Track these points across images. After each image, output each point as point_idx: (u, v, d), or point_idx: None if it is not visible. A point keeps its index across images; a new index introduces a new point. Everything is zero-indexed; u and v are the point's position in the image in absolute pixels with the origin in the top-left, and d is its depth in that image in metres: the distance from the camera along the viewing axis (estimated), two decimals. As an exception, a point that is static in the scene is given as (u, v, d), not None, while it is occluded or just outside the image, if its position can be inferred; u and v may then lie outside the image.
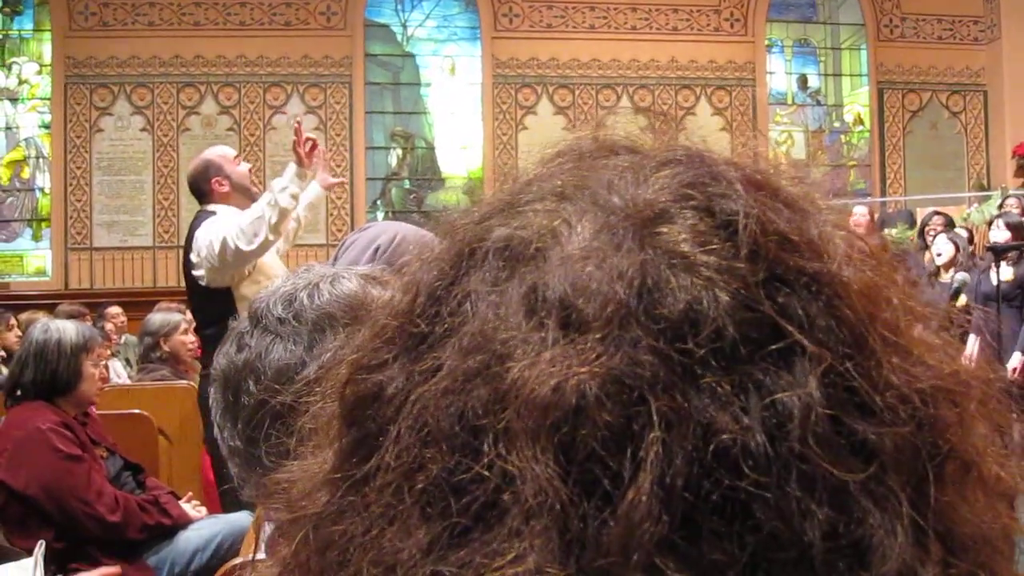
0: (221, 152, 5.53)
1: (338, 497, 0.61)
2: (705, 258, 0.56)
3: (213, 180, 5.27)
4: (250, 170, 5.50)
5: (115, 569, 4.37)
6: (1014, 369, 8.48)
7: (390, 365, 0.61)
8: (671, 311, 0.54)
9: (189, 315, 8.38)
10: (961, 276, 8.36)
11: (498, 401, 0.55)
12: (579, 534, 0.52)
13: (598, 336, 0.54)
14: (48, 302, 11.82)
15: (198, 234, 5.08)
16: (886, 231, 12.04)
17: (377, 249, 2.01)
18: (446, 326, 0.60)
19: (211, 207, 5.26)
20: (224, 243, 4.89)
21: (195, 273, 5.09)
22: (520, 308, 0.57)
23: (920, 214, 11.77)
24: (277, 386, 1.49)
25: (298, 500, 0.65)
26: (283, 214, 4.93)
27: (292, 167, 5.05)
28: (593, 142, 0.71)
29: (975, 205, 12.69)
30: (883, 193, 16.60)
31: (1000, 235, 8.83)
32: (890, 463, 0.54)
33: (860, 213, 10.50)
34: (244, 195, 5.29)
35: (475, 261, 0.61)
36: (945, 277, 9.09)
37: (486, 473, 0.54)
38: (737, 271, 0.55)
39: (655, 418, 0.52)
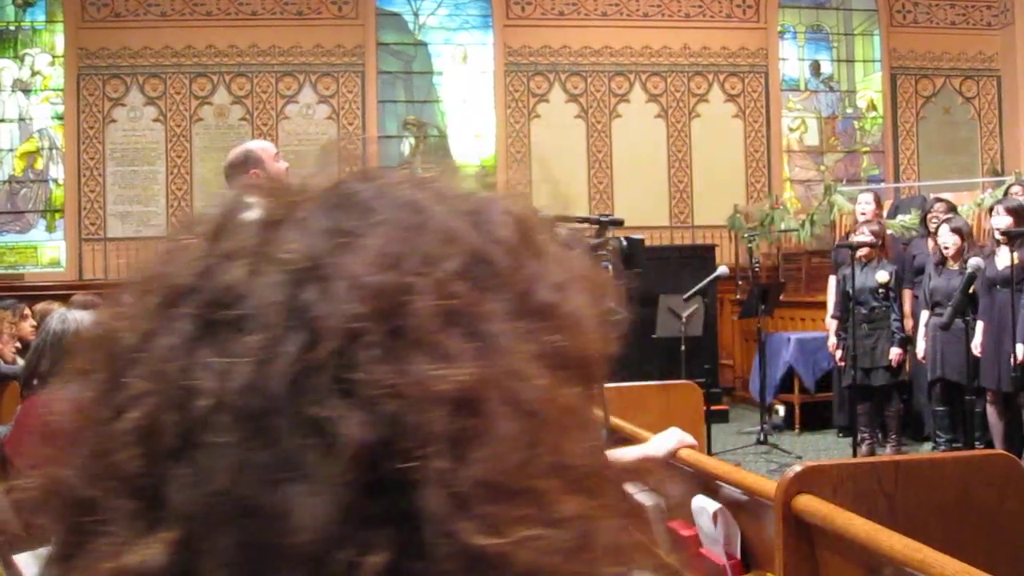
0: (264, 146, 5.49)
1: None
2: (263, 249, 0.64)
3: (251, 172, 5.23)
4: (287, 169, 5.47)
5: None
6: (1019, 358, 8.46)
7: None
8: (212, 288, 0.63)
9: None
10: (974, 262, 8.34)
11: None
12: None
13: (154, 304, 0.64)
14: (62, 292, 11.82)
15: None
16: (899, 217, 12.01)
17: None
18: None
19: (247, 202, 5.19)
20: None
21: None
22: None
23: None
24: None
25: None
26: None
27: None
28: None
29: (989, 191, 12.63)
30: (896, 179, 16.57)
31: (1001, 221, 8.79)
32: (343, 448, 0.57)
33: (865, 201, 10.44)
34: None
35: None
36: (953, 266, 9.06)
37: None
38: (275, 259, 0.63)
39: (143, 367, 0.62)
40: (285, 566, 0.56)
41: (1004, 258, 8.67)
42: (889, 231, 10.25)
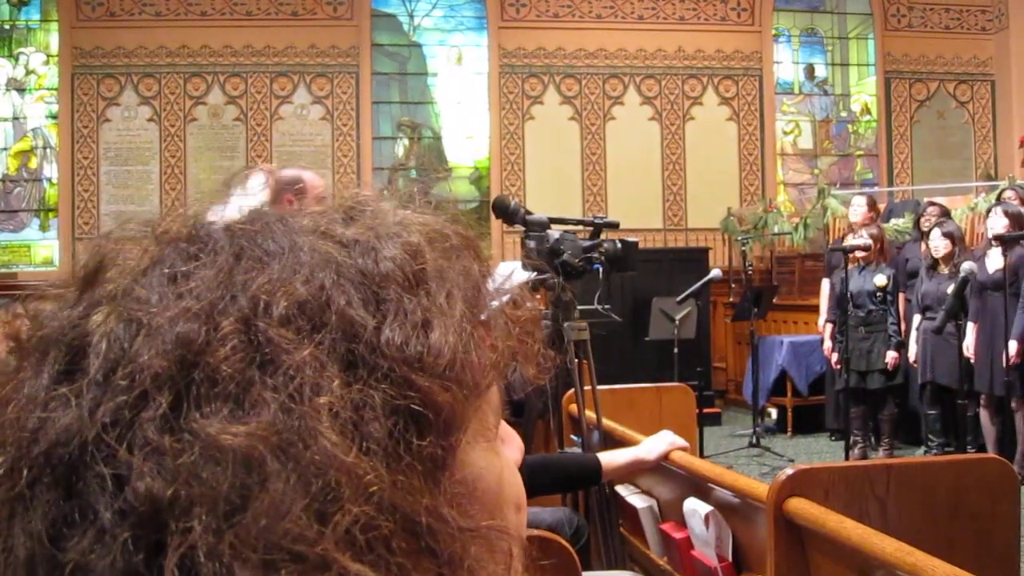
0: (316, 183, 5.40)
1: None
2: (119, 298, 0.65)
3: (286, 198, 5.17)
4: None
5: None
6: (1012, 357, 8.48)
7: None
8: (71, 339, 0.64)
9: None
10: (967, 266, 8.34)
11: None
12: None
13: (32, 353, 0.65)
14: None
15: None
16: (892, 221, 12.03)
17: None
18: None
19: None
20: None
21: None
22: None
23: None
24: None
25: None
26: None
27: None
28: None
29: (982, 195, 12.66)
30: (890, 183, 16.59)
31: (998, 222, 8.80)
32: (130, 503, 0.57)
33: (858, 204, 10.46)
34: None
35: None
36: (944, 270, 9.07)
37: None
38: (122, 307, 0.64)
39: (10, 417, 0.62)
40: None
41: (995, 261, 8.67)
42: (883, 235, 10.26)
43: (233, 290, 0.63)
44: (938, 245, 9.15)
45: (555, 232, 4.04)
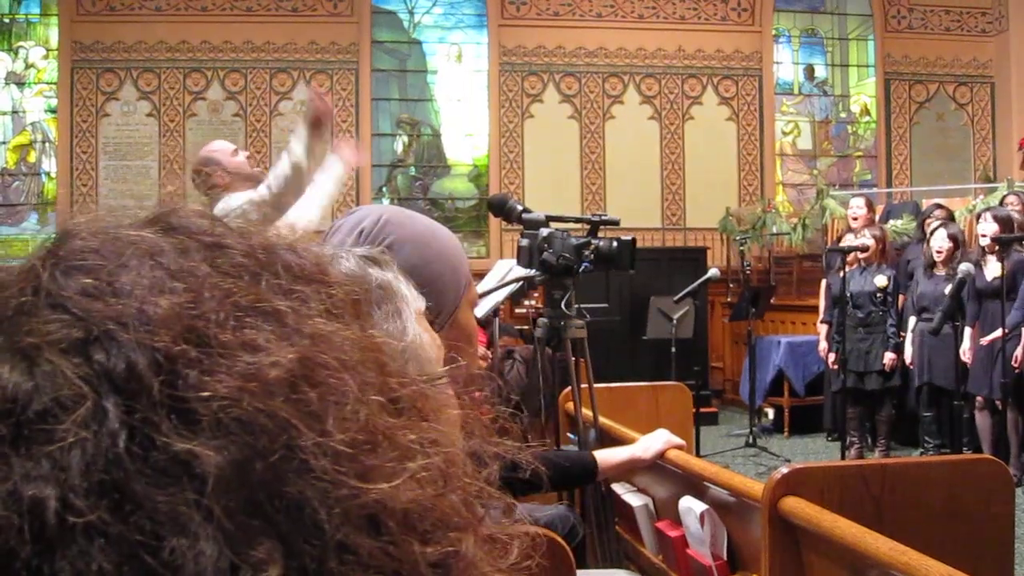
0: (218, 147, 5.57)
1: None
2: (22, 339, 0.57)
3: (215, 176, 5.32)
4: (248, 156, 5.54)
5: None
6: (1017, 359, 8.51)
7: None
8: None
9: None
10: (964, 267, 8.36)
11: None
12: None
13: None
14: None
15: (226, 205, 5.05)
16: (891, 222, 12.03)
17: (361, 232, 1.98)
18: None
19: (223, 196, 5.28)
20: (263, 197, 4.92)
21: None
22: None
23: (925, 206, 11.76)
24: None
25: None
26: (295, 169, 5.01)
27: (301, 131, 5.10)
28: None
29: (981, 197, 12.67)
30: (889, 184, 16.60)
31: (988, 227, 8.83)
32: (206, 479, 0.53)
33: (857, 206, 10.47)
34: (246, 180, 5.32)
35: None
36: (941, 271, 9.09)
37: None
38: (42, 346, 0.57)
39: None
40: None
41: (993, 269, 8.69)
42: (883, 236, 10.28)
43: (178, 268, 0.62)
44: (941, 246, 9.16)
45: (545, 230, 4.03)
